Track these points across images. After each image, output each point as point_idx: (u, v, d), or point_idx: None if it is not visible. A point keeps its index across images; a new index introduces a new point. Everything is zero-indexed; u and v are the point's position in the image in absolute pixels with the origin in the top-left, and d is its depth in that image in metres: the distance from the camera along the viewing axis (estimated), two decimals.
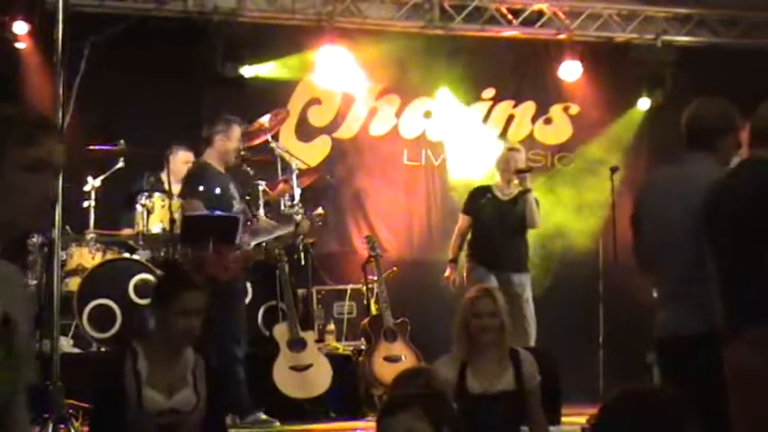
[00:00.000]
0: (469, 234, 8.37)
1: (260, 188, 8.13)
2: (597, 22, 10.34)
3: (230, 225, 7.30)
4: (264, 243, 7.95)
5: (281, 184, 8.43)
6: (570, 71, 10.16)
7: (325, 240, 9.56)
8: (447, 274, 8.37)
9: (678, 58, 10.26)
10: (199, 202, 7.37)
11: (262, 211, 8.07)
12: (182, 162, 8.42)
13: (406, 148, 10.37)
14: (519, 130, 10.49)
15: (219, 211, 7.36)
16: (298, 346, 7.68)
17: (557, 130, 10.63)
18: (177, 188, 8.13)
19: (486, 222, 8.26)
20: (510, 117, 10.54)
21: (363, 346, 8.23)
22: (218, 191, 7.45)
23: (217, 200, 7.42)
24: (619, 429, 2.23)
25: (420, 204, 10.38)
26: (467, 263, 8.35)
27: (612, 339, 9.09)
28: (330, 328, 8.63)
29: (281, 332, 7.72)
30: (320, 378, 7.65)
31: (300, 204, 8.27)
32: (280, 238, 8.07)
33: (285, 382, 7.55)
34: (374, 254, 8.50)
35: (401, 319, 8.20)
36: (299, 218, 8.16)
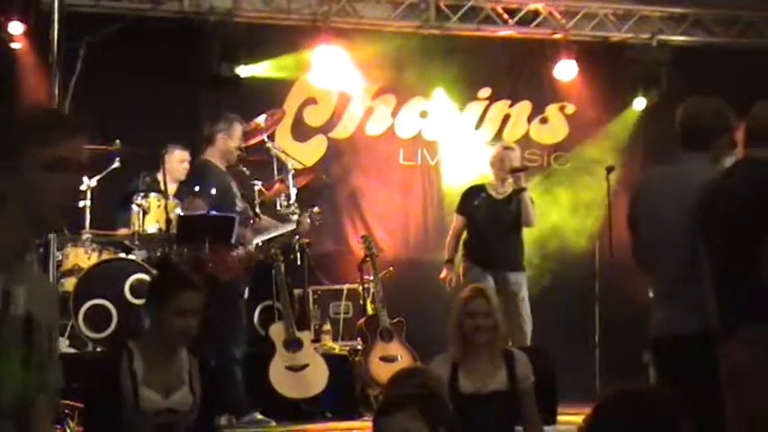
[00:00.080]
0: (465, 234, 8.36)
1: (256, 188, 8.13)
2: (593, 22, 10.35)
3: (226, 225, 7.29)
4: (261, 243, 7.95)
5: (276, 185, 8.43)
6: (566, 71, 10.17)
7: (321, 240, 9.55)
8: (444, 275, 8.36)
9: (673, 58, 10.26)
10: (201, 201, 7.38)
11: (257, 212, 8.06)
12: (178, 161, 8.42)
13: (402, 148, 10.37)
14: (515, 130, 10.50)
15: (222, 210, 7.36)
16: (294, 346, 7.68)
17: (552, 129, 10.64)
18: (173, 188, 8.15)
19: (481, 222, 8.25)
20: (506, 117, 10.54)
21: (359, 346, 8.23)
22: (220, 189, 7.46)
23: (219, 198, 7.43)
24: (614, 429, 2.23)
25: (416, 204, 10.38)
26: (462, 263, 8.34)
27: (608, 339, 9.11)
28: (326, 327, 8.63)
29: (277, 332, 7.71)
30: (316, 378, 7.65)
31: (296, 204, 8.27)
32: (276, 237, 8.07)
33: (281, 382, 7.55)
34: (370, 254, 8.50)
35: (397, 319, 8.19)
36: (297, 217, 8.17)
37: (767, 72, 9.18)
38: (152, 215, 7.85)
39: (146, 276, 7.53)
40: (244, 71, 9.53)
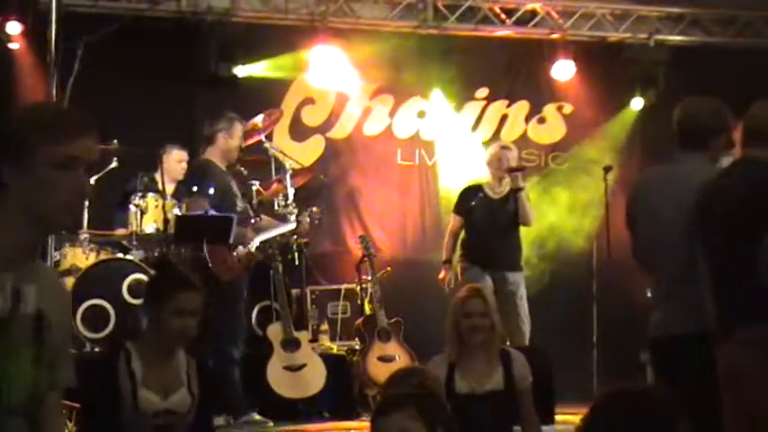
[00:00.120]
0: (462, 234, 8.36)
1: (253, 188, 8.13)
2: (590, 22, 10.35)
3: (224, 225, 7.29)
4: (261, 243, 7.94)
5: (274, 185, 8.42)
6: (563, 71, 10.17)
7: (318, 240, 9.55)
8: (442, 275, 8.36)
9: (671, 58, 10.26)
10: (203, 201, 7.37)
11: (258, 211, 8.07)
12: (175, 161, 8.42)
13: (399, 148, 10.37)
14: (512, 130, 10.50)
15: (222, 210, 7.36)
16: (291, 346, 7.67)
17: (550, 129, 10.65)
18: (171, 188, 8.14)
19: (479, 221, 8.25)
20: (503, 116, 10.54)
21: (357, 346, 8.23)
22: (220, 189, 7.46)
23: (219, 198, 7.42)
24: (611, 428, 2.23)
25: (414, 204, 10.38)
26: (460, 263, 8.34)
27: (606, 339, 9.09)
28: (324, 327, 8.63)
29: (274, 332, 7.71)
30: (314, 378, 7.65)
31: (294, 204, 8.27)
32: (275, 237, 8.06)
33: (279, 382, 7.55)
34: (368, 254, 8.50)
35: (395, 319, 8.19)
36: (295, 216, 8.16)
37: (765, 72, 9.17)
38: (150, 215, 7.85)
39: (144, 276, 7.53)
40: (241, 71, 9.53)
